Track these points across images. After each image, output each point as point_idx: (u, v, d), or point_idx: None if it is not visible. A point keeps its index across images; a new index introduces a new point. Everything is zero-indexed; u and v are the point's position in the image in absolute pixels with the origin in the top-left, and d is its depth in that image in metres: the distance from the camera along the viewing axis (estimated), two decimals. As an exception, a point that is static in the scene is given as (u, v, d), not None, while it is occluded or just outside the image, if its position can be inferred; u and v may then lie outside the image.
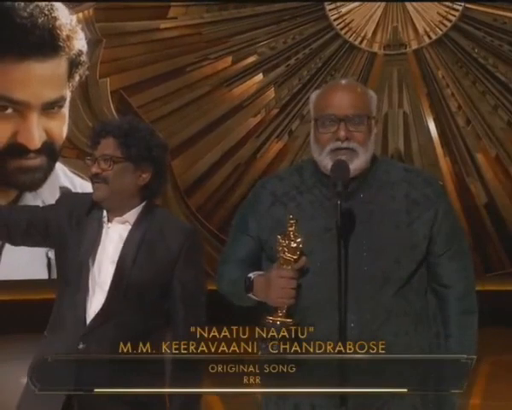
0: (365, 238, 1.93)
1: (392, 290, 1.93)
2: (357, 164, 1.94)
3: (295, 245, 1.86)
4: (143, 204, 2.29)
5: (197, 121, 7.80)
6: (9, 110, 6.49)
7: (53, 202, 2.41)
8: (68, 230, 2.26)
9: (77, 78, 6.79)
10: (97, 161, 2.23)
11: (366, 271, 1.92)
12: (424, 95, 7.86)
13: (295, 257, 1.87)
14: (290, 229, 1.87)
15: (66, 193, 2.54)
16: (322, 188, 1.99)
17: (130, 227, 2.26)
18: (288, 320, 1.87)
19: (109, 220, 2.28)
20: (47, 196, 6.78)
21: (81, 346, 2.21)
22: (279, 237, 1.86)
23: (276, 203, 2.02)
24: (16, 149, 6.53)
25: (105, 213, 2.29)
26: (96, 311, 2.26)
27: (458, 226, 2.08)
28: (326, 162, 1.95)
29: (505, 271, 7.66)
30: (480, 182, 7.75)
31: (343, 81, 2.12)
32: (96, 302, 2.26)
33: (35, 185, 6.67)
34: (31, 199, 6.77)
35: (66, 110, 6.81)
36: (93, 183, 2.26)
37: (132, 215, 2.27)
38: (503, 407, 4.81)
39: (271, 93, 8.00)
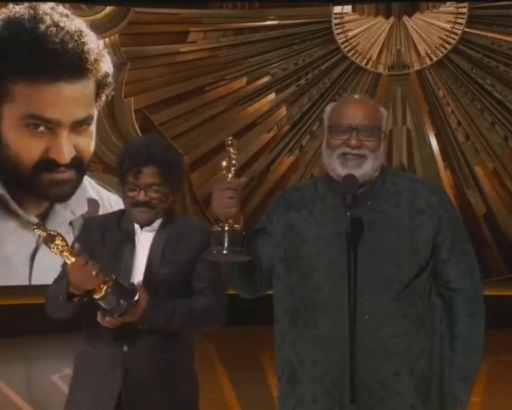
0: (370, 243, 1.93)
1: (393, 293, 1.91)
2: (366, 168, 1.94)
3: (234, 163, 1.90)
4: (166, 213, 2.35)
5: (214, 137, 7.84)
6: (42, 128, 6.56)
7: (81, 212, 2.43)
8: (100, 248, 2.28)
9: (103, 98, 6.85)
10: (144, 189, 2.26)
11: (369, 274, 1.91)
12: (426, 112, 7.87)
13: (231, 174, 1.90)
14: (230, 149, 1.91)
15: (88, 219, 2.52)
16: (332, 197, 1.99)
17: (154, 233, 2.33)
18: (236, 226, 1.88)
19: (141, 229, 2.34)
20: (75, 207, 6.83)
21: (125, 348, 2.24)
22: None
23: (290, 209, 2.03)
24: (48, 164, 6.60)
25: (134, 224, 2.33)
26: None
27: (463, 232, 2.04)
28: (335, 165, 1.96)
29: (503, 277, 7.63)
30: (478, 193, 7.73)
31: (357, 96, 2.13)
32: None
33: (65, 197, 6.73)
34: (60, 210, 6.83)
35: (93, 128, 6.86)
36: (137, 207, 2.28)
37: (158, 223, 2.34)
38: (502, 404, 4.79)
39: (283, 111, 8.04)
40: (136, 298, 2.17)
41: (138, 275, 2.27)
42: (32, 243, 6.87)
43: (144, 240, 2.32)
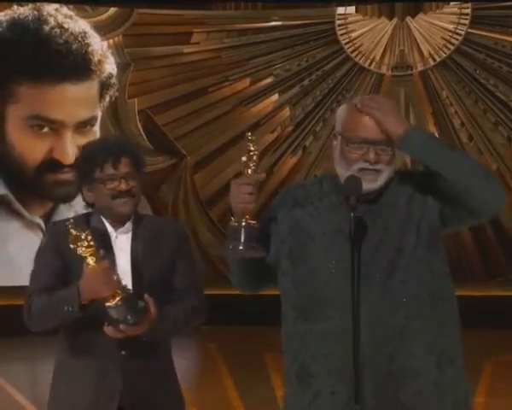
0: (373, 236, 1.94)
1: (401, 277, 1.91)
2: (381, 181, 1.94)
3: (253, 159, 1.91)
4: (135, 213, 2.34)
5: (218, 138, 7.85)
6: (46, 129, 6.59)
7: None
8: (75, 255, 2.14)
9: (107, 98, 6.87)
10: (123, 179, 2.25)
11: (374, 264, 1.92)
12: (429, 113, 7.87)
13: (250, 169, 1.90)
14: (249, 144, 1.91)
15: (52, 226, 2.49)
16: (337, 195, 2.00)
17: (130, 234, 2.30)
18: (253, 222, 1.89)
19: (115, 231, 2.30)
20: (80, 207, 6.82)
21: (123, 352, 2.23)
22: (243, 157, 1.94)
23: (296, 206, 2.03)
24: (52, 165, 6.63)
25: (108, 227, 2.29)
26: None
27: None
28: None
29: (507, 277, 7.62)
30: (482, 194, 7.73)
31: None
32: None
33: (69, 198, 6.74)
34: (64, 210, 6.85)
35: (97, 128, 6.89)
36: (119, 198, 2.25)
37: (130, 224, 2.31)
38: (504, 405, 4.79)
39: (286, 112, 8.05)
40: (144, 317, 2.14)
41: (124, 281, 2.20)
42: (36, 243, 6.86)
43: (122, 244, 2.29)
